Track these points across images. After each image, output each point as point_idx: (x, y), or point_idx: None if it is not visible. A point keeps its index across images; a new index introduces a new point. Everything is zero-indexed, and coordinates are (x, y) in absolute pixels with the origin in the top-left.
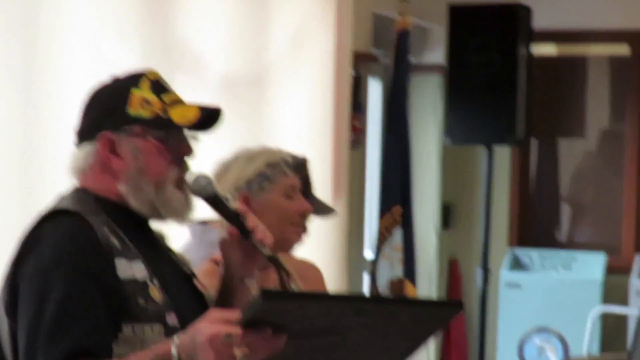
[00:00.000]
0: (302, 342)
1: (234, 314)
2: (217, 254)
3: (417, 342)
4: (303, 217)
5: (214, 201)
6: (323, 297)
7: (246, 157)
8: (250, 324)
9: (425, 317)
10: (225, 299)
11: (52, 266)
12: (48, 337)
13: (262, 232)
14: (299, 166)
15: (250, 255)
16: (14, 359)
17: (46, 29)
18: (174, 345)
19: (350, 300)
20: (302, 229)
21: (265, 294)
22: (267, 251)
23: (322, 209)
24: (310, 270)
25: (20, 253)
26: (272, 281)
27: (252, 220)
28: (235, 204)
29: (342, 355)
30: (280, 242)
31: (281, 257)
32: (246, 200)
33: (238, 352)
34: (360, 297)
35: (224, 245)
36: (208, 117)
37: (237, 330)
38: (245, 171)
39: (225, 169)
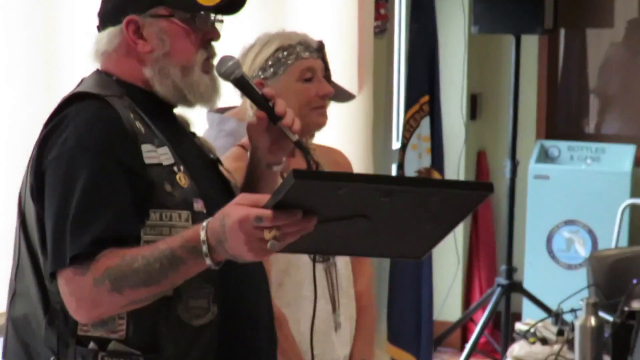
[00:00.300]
0: (331, 226)
1: (264, 197)
2: (244, 141)
3: (446, 227)
4: (323, 99)
5: (242, 84)
6: (354, 177)
7: (262, 42)
8: (280, 206)
9: (456, 199)
10: (251, 185)
11: (78, 151)
12: (75, 223)
13: (291, 118)
14: (319, 49)
15: (278, 141)
16: (42, 244)
17: (65, 23)
18: (203, 229)
19: (381, 181)
20: (324, 112)
21: (298, 173)
22: (295, 137)
23: (341, 95)
24: (338, 157)
25: (44, 137)
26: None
27: (280, 105)
28: (265, 89)
29: (371, 241)
30: (302, 127)
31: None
32: (261, 87)
33: (268, 234)
34: (391, 178)
35: (251, 129)
36: None
37: (267, 213)
38: (259, 57)
39: (243, 55)
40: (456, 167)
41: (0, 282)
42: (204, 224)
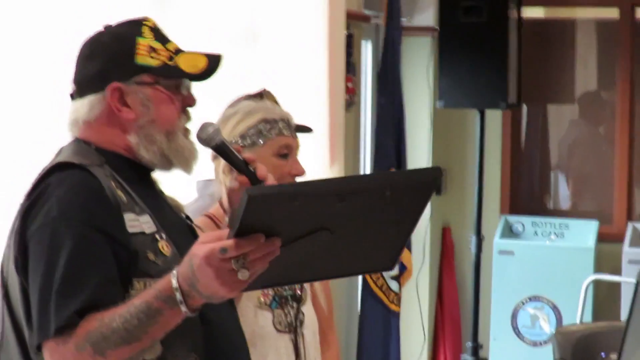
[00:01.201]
0: (296, 247)
1: (224, 231)
2: (212, 209)
3: (407, 226)
4: (293, 178)
5: (223, 149)
6: (304, 184)
7: (245, 111)
8: (242, 234)
9: (408, 189)
10: None
11: (61, 221)
12: (60, 295)
13: (272, 181)
14: (301, 130)
15: None
16: (26, 316)
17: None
18: (173, 277)
19: (332, 183)
20: None
21: (250, 189)
22: None
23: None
24: None
25: (27, 208)
26: None
27: (262, 169)
28: (246, 154)
29: (338, 258)
30: None
31: None
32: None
33: (236, 264)
34: (339, 179)
35: (232, 193)
36: (214, 65)
37: (230, 242)
38: (241, 124)
39: (224, 120)
40: (422, 243)
41: None
42: (174, 271)
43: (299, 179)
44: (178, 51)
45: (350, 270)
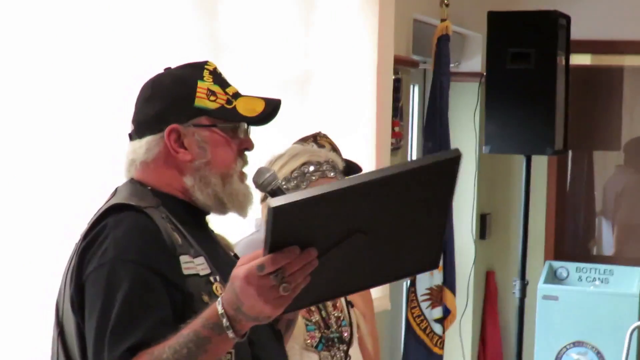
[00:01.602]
0: (333, 256)
1: (260, 251)
2: (261, 249)
3: (441, 215)
4: None
5: (278, 194)
6: (325, 186)
7: (291, 154)
8: (275, 248)
9: (430, 172)
10: None
11: (117, 262)
12: (114, 334)
13: None
14: (351, 170)
15: None
16: (81, 355)
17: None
18: (219, 303)
19: (350, 179)
20: None
21: (272, 202)
22: None
23: None
24: None
25: (83, 249)
26: None
27: None
28: None
29: (378, 262)
30: None
31: None
32: None
33: (276, 280)
34: (358, 175)
35: None
36: (273, 110)
37: (266, 258)
38: (286, 167)
39: (270, 163)
40: (465, 286)
41: None
42: (218, 299)
43: None
44: (237, 95)
45: (395, 274)
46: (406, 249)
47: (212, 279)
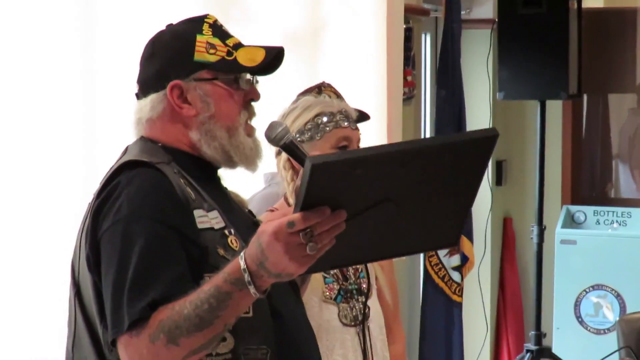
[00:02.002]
0: (360, 221)
1: (290, 209)
2: (277, 204)
3: (468, 191)
4: None
5: (292, 148)
6: (365, 149)
7: (303, 106)
8: (307, 207)
9: (467, 149)
10: None
11: (132, 219)
12: (133, 290)
13: None
14: (363, 119)
15: None
16: (100, 314)
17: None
18: (241, 258)
19: (391, 146)
20: None
21: (312, 159)
22: None
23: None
24: None
25: (97, 207)
26: None
27: None
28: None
29: (402, 233)
30: None
31: None
32: None
33: (304, 238)
34: (399, 143)
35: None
36: (274, 58)
37: (297, 215)
38: (299, 119)
39: (283, 117)
40: (483, 233)
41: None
42: (242, 253)
43: None
44: (238, 46)
45: (416, 248)
46: (429, 224)
47: (226, 232)
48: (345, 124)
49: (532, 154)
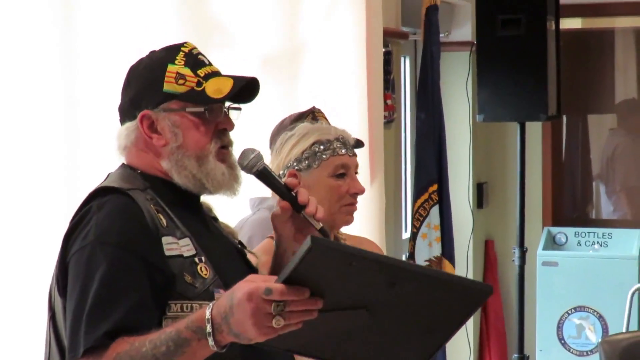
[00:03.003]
0: (332, 317)
1: (272, 277)
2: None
3: (445, 330)
4: (354, 197)
5: (264, 175)
6: (365, 251)
7: (300, 134)
8: (290, 282)
9: (457, 297)
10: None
11: (98, 244)
12: (91, 316)
13: (314, 206)
14: (358, 145)
15: (303, 229)
16: None
17: (83, 17)
18: (209, 308)
19: (390, 261)
20: (352, 210)
21: (315, 240)
22: (319, 225)
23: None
24: (371, 246)
25: (69, 231)
26: None
27: (303, 194)
28: (287, 179)
29: (369, 344)
30: (328, 222)
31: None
32: (294, 177)
33: (275, 309)
34: (400, 261)
35: (276, 219)
36: (244, 88)
37: (278, 285)
38: (296, 148)
39: (282, 144)
40: (465, 256)
41: None
42: (211, 303)
43: (359, 197)
44: (209, 76)
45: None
46: (397, 346)
47: (196, 259)
48: (343, 151)
49: (512, 175)
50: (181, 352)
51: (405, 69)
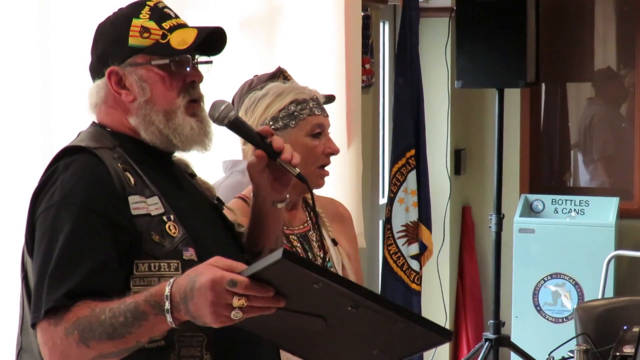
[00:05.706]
0: (289, 316)
1: (239, 264)
2: (246, 191)
3: (397, 355)
4: (328, 157)
5: (237, 125)
6: (337, 278)
7: (275, 93)
8: (255, 279)
9: (415, 335)
10: (257, 225)
11: (62, 205)
12: (53, 277)
13: (290, 152)
14: (329, 101)
15: (280, 177)
16: None
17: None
18: (169, 285)
19: (358, 291)
20: (324, 174)
21: (287, 253)
22: (296, 170)
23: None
24: (341, 209)
25: (36, 191)
26: (300, 221)
27: (278, 141)
28: (261, 127)
29: (317, 347)
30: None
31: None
32: (269, 134)
33: (236, 301)
34: (369, 292)
35: (252, 169)
36: (209, 38)
37: (243, 279)
38: (272, 107)
39: (254, 103)
40: (442, 222)
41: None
42: (172, 280)
43: (333, 158)
44: (174, 28)
45: None
46: (345, 354)
47: (165, 218)
48: (318, 111)
49: (490, 142)
50: (138, 324)
51: (385, 34)
